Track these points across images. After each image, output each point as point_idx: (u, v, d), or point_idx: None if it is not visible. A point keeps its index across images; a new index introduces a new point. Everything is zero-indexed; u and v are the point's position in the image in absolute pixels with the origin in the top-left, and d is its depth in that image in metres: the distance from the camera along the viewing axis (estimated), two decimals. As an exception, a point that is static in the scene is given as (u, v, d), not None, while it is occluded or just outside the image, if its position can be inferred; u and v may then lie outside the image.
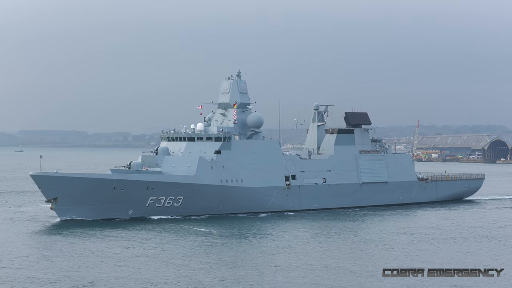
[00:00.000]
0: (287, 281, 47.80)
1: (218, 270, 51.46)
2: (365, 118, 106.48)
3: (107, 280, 47.83)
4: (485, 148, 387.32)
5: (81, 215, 78.52)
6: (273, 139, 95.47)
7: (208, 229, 73.85)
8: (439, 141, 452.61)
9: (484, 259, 57.06)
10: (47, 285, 46.35)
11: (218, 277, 49.09)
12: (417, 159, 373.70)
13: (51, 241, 65.28)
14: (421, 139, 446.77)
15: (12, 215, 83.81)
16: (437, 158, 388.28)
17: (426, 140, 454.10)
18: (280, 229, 75.24)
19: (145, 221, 79.66)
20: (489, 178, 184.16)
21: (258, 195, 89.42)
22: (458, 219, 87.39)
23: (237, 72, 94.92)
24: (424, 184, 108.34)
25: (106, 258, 55.97)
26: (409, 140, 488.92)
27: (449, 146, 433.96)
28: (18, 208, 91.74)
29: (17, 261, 54.27)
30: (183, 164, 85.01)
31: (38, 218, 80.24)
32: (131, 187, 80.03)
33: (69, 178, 79.30)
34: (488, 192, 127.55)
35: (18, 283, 46.80)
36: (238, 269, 52.03)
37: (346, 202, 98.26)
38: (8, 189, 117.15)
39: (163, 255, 57.73)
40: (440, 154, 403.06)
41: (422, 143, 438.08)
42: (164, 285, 46.57)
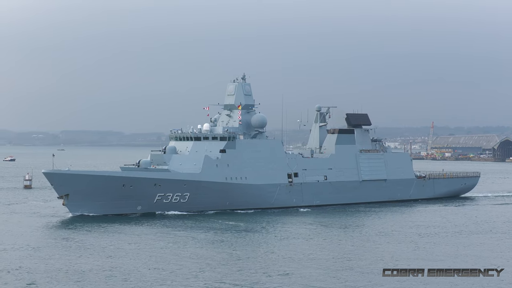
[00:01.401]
0: (288, 281, 48.19)
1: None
2: (365, 119, 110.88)
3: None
4: (495, 148, 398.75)
5: (92, 210, 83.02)
6: (276, 139, 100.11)
7: (235, 223, 78.96)
8: (452, 141, 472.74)
9: (484, 259, 57.24)
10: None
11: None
12: (431, 158, 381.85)
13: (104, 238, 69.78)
14: (435, 139, 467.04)
15: (43, 210, 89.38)
16: (450, 157, 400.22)
17: (440, 140, 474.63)
18: (281, 226, 77.70)
19: (167, 217, 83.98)
20: (490, 176, 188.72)
21: (262, 191, 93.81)
22: (455, 217, 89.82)
23: (242, 75, 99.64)
24: (422, 181, 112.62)
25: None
26: (424, 140, 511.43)
27: (461, 145, 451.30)
28: (48, 203, 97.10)
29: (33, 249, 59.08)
30: (190, 162, 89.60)
31: (58, 214, 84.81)
32: (139, 184, 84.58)
33: (80, 175, 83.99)
34: (485, 189, 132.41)
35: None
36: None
37: (347, 198, 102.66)
38: (45, 185, 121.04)
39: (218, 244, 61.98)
40: (453, 153, 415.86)
41: (436, 143, 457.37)
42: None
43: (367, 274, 50.66)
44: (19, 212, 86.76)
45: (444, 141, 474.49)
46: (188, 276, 49.27)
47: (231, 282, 47.65)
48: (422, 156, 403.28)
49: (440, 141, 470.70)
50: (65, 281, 47.42)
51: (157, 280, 47.95)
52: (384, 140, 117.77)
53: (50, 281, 47.44)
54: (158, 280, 47.96)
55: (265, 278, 48.95)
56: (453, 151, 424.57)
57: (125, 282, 47.52)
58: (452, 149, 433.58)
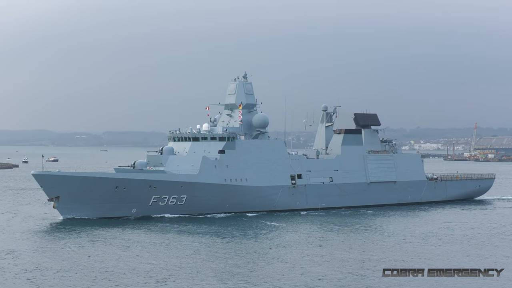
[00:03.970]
0: (287, 281, 47.73)
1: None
2: (374, 119, 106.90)
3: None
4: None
5: (83, 213, 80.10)
6: (278, 139, 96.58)
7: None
8: (495, 142, 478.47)
9: (484, 259, 56.92)
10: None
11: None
12: (474, 159, 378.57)
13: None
14: (478, 140, 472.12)
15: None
16: (493, 158, 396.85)
17: (483, 141, 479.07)
18: (284, 228, 75.86)
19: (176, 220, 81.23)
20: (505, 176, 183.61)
21: (263, 194, 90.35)
22: (466, 219, 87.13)
23: (244, 74, 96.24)
24: (433, 183, 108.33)
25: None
26: (467, 141, 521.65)
27: (504, 146, 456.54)
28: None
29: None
30: (187, 164, 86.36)
31: (48, 217, 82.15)
32: (133, 186, 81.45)
33: (70, 177, 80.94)
34: (502, 192, 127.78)
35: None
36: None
37: (354, 201, 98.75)
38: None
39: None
40: (496, 155, 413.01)
41: (479, 144, 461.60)
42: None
43: (367, 274, 50.09)
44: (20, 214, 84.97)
45: (487, 142, 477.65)
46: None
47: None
48: (465, 158, 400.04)
49: (483, 142, 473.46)
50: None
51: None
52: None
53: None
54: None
55: (265, 279, 48.01)
56: (496, 152, 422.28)
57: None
58: (495, 150, 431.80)
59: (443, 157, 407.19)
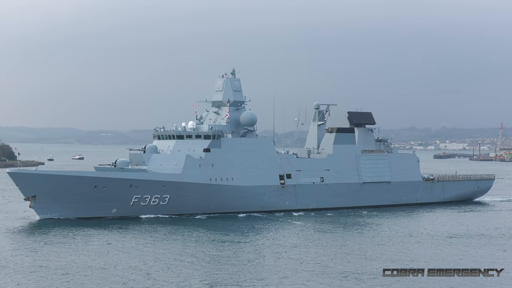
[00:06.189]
0: (288, 281, 47.25)
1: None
2: (368, 118, 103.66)
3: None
4: None
5: (61, 213, 77.49)
6: (267, 137, 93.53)
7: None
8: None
9: (484, 259, 56.34)
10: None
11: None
12: (500, 159, 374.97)
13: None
14: (504, 140, 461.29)
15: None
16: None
17: (509, 141, 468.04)
18: (281, 228, 74.36)
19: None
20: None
21: (250, 194, 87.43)
22: (463, 220, 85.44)
23: (231, 70, 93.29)
24: (430, 184, 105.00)
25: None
26: (492, 141, 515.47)
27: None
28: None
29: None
30: (170, 162, 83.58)
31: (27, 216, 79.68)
32: (113, 185, 78.71)
33: (47, 175, 78.26)
34: (503, 192, 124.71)
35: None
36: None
37: (347, 201, 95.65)
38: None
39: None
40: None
41: (505, 144, 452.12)
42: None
43: (367, 274, 49.88)
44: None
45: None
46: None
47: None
48: (491, 158, 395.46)
49: (509, 142, 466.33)
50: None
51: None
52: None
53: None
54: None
55: (264, 281, 47.47)
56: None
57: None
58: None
59: (468, 157, 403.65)
